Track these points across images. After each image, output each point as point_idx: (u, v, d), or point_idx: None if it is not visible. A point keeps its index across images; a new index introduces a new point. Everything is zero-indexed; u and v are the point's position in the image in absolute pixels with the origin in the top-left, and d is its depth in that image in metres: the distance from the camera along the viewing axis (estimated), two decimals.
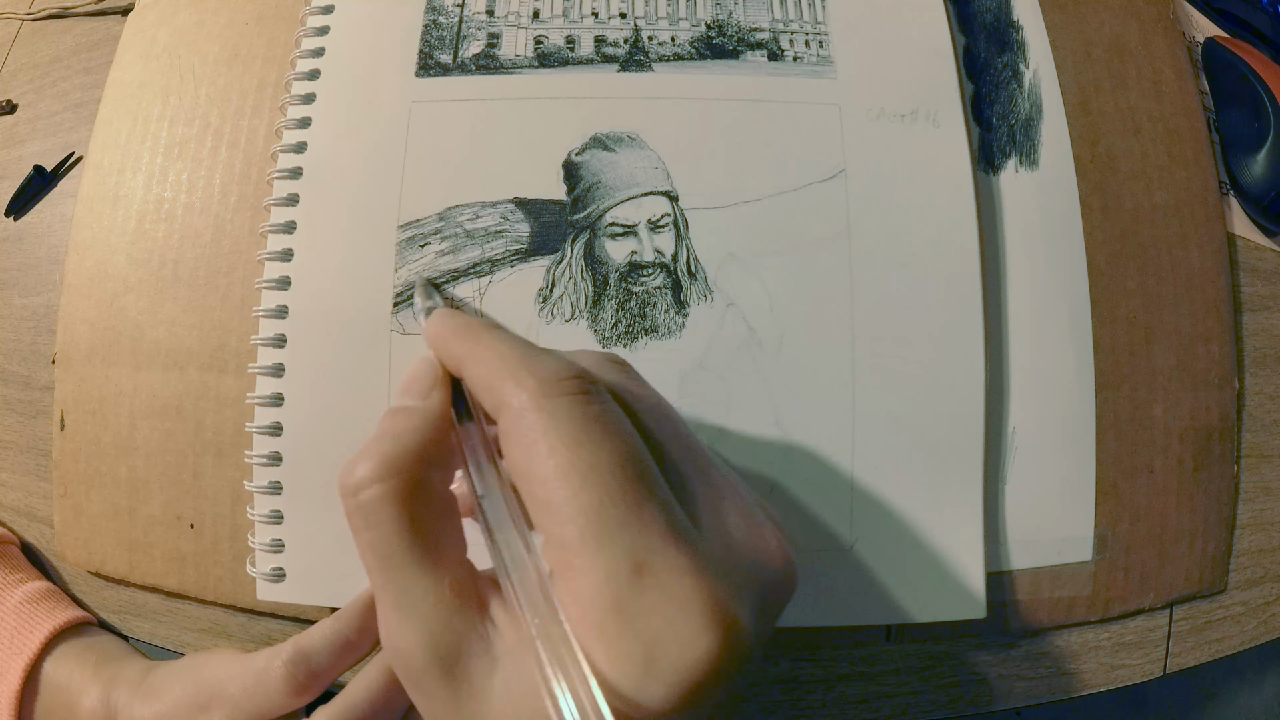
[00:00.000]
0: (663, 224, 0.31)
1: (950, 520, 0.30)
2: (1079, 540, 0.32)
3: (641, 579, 0.15)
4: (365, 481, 0.18)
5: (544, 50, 0.33)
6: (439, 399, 0.20)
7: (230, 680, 0.26)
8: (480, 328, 0.20)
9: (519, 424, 0.17)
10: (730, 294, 0.31)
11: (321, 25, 0.34)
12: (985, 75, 0.35)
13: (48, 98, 0.39)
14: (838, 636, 0.32)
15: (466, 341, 0.19)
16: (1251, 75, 0.36)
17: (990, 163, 0.34)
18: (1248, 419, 0.34)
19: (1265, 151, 0.35)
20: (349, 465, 0.18)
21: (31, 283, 0.36)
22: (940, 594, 0.30)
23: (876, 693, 0.32)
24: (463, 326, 0.20)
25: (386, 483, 0.18)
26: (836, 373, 0.30)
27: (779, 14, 0.34)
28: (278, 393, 0.30)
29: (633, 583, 0.15)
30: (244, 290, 0.33)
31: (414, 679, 0.17)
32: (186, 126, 0.35)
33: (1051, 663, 0.32)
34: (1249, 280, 0.36)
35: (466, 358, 0.19)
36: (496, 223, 0.31)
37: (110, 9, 0.40)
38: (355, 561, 0.29)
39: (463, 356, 0.19)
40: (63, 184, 0.38)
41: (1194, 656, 0.33)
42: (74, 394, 0.33)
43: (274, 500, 0.30)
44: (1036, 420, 0.32)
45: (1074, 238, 0.33)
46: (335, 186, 0.32)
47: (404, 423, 0.19)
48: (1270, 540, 0.34)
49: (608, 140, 0.32)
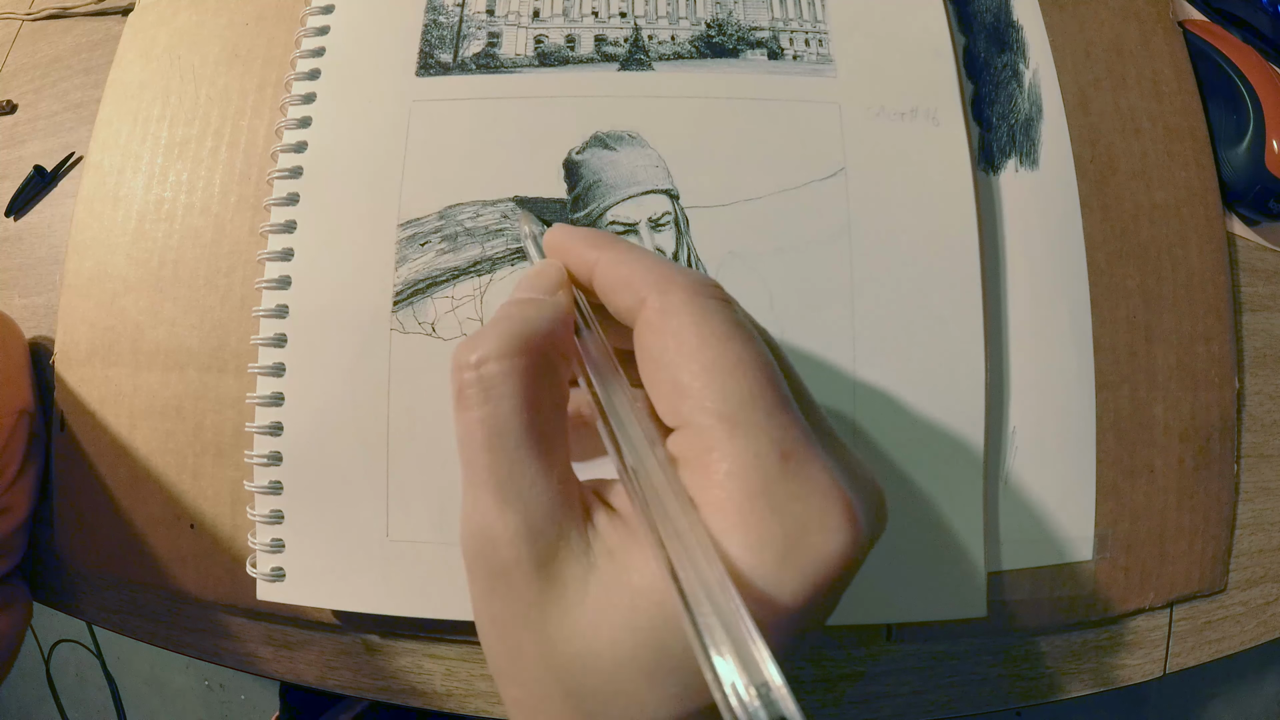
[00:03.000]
0: (663, 222, 0.31)
1: (950, 520, 0.30)
2: (1079, 540, 0.32)
3: (788, 464, 0.15)
4: (490, 355, 0.17)
5: (544, 49, 0.33)
6: (566, 297, 0.20)
7: None
8: (614, 237, 0.20)
9: (668, 318, 0.17)
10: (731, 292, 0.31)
11: (322, 25, 0.34)
12: (985, 75, 0.35)
13: (48, 98, 0.39)
14: (838, 636, 0.32)
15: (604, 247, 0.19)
16: (1229, 66, 0.36)
17: (990, 162, 0.34)
18: (1248, 419, 0.34)
19: (1246, 144, 0.35)
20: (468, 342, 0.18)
21: (31, 283, 0.36)
22: (940, 594, 0.30)
23: (876, 693, 0.32)
24: (596, 234, 0.20)
25: (512, 359, 0.17)
26: (837, 371, 0.30)
27: (779, 13, 0.34)
28: (278, 392, 0.30)
29: (781, 466, 0.15)
30: (244, 290, 0.33)
31: (501, 572, 0.16)
32: (186, 126, 0.35)
33: (1051, 663, 0.32)
34: (1249, 280, 0.36)
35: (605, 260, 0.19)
36: (497, 221, 0.31)
37: (110, 9, 0.40)
38: (355, 561, 0.30)
39: (600, 259, 0.19)
40: (63, 184, 0.38)
41: (1194, 656, 0.33)
42: (74, 394, 0.33)
43: (274, 500, 0.30)
44: (1036, 420, 0.32)
45: (1074, 238, 0.33)
46: (335, 186, 0.32)
47: (532, 310, 0.19)
48: (1270, 540, 0.34)
49: (608, 139, 0.32)
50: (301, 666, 0.33)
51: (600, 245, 0.19)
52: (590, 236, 0.20)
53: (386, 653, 0.32)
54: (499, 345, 0.17)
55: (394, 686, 0.32)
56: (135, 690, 1.10)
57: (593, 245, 0.20)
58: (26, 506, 0.33)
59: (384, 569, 0.29)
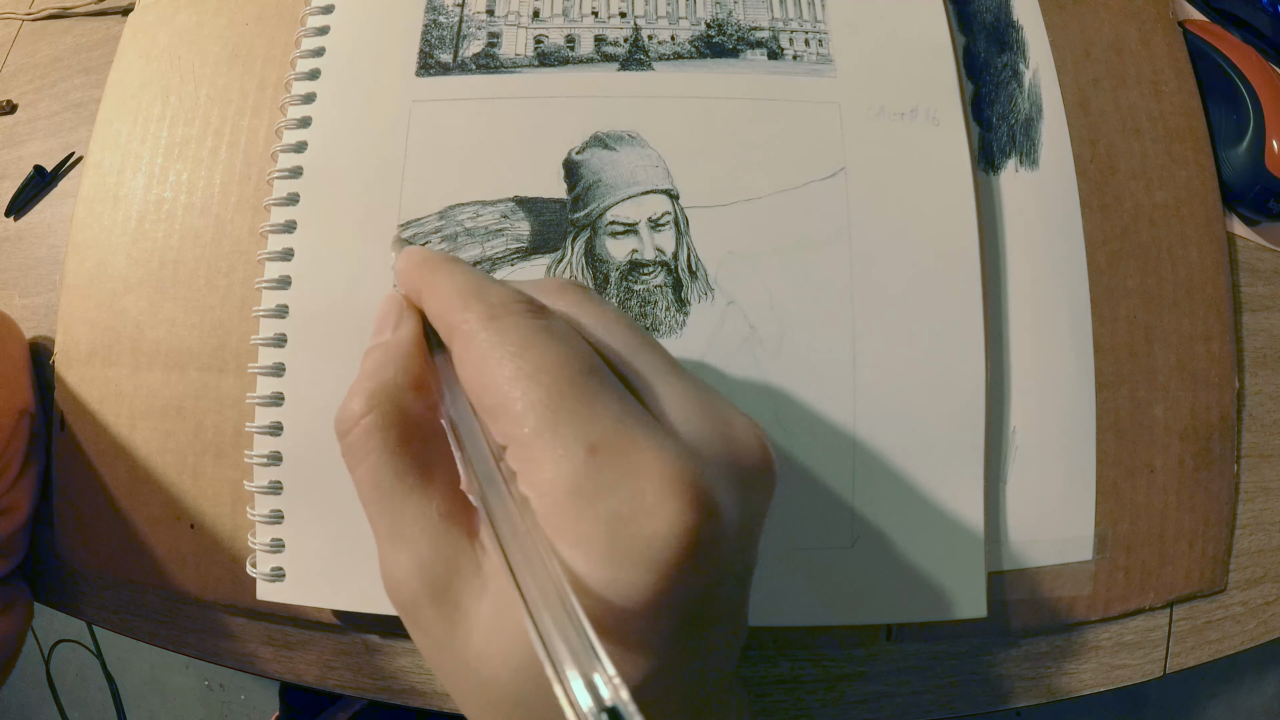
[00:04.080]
0: (663, 222, 0.31)
1: (950, 520, 0.30)
2: (1079, 540, 0.32)
3: (596, 457, 0.15)
4: (353, 417, 0.18)
5: (544, 49, 0.33)
6: (407, 330, 0.20)
7: None
8: (439, 260, 0.20)
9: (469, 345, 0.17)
10: (731, 292, 0.31)
11: (322, 25, 0.34)
12: (985, 75, 0.35)
13: (48, 98, 0.39)
14: (838, 636, 0.32)
15: (425, 274, 0.20)
16: (1229, 66, 0.36)
17: (990, 162, 0.34)
18: (1248, 419, 0.34)
19: (1246, 144, 0.35)
20: (341, 408, 0.19)
21: (31, 283, 0.36)
22: (940, 594, 0.30)
23: (876, 693, 0.32)
24: (424, 259, 0.20)
25: (369, 415, 0.18)
26: (837, 371, 0.30)
27: (778, 13, 0.34)
28: (278, 392, 0.30)
29: (588, 461, 0.15)
30: (244, 290, 0.33)
31: (408, 609, 0.17)
32: (186, 126, 0.35)
33: (1051, 663, 0.32)
34: (1249, 280, 0.36)
35: (425, 289, 0.19)
36: (497, 221, 0.31)
37: (110, 9, 0.40)
38: (355, 561, 0.30)
39: (422, 288, 0.20)
40: (63, 184, 0.38)
41: (1194, 656, 0.33)
42: (74, 394, 0.33)
43: (274, 500, 0.30)
44: (1037, 420, 0.32)
45: (1074, 237, 0.33)
46: (336, 186, 0.32)
47: (377, 357, 0.19)
48: (1270, 540, 0.34)
49: (608, 139, 0.32)
50: (301, 666, 0.33)
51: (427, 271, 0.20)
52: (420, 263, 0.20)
53: (386, 653, 0.32)
54: (357, 406, 0.18)
55: (394, 686, 0.32)
56: (135, 690, 1.10)
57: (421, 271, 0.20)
58: (28, 507, 0.33)
59: None
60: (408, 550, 0.17)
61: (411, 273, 0.20)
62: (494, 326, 0.17)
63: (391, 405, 0.18)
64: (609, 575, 0.15)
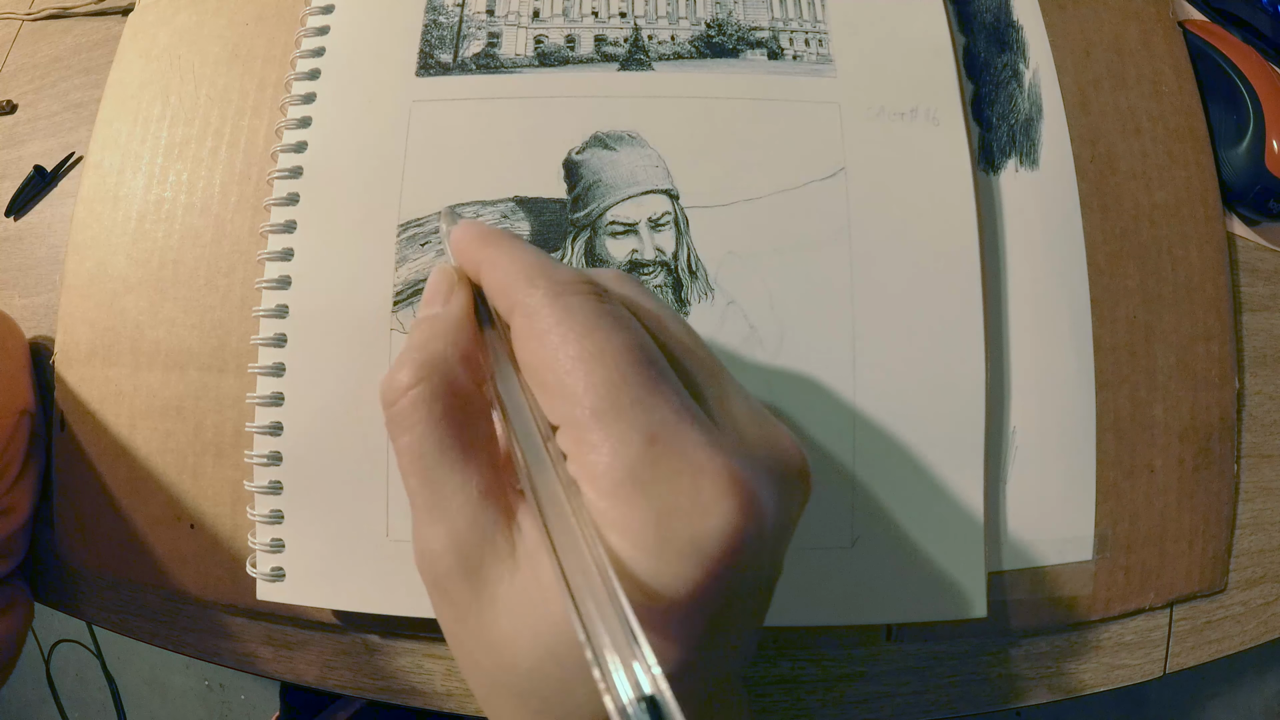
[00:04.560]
0: (663, 222, 0.31)
1: (950, 520, 0.30)
2: (1079, 540, 0.32)
3: (655, 447, 0.15)
4: (401, 388, 0.18)
5: (544, 49, 0.33)
6: (460, 303, 0.20)
7: None
8: (500, 235, 0.20)
9: (532, 320, 0.17)
10: (731, 292, 0.31)
11: (322, 25, 0.34)
12: (985, 75, 0.35)
13: (48, 98, 0.39)
14: (838, 636, 0.32)
15: (486, 247, 0.20)
16: (1229, 66, 0.36)
17: (990, 162, 0.34)
18: (1248, 419, 0.34)
19: (1246, 144, 0.35)
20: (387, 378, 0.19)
21: (31, 283, 0.36)
22: (940, 594, 0.30)
23: (876, 693, 0.32)
24: (484, 234, 0.20)
25: (419, 387, 0.18)
26: (837, 371, 0.30)
27: (778, 13, 0.34)
28: (278, 392, 0.30)
29: (646, 451, 0.15)
30: (244, 290, 0.33)
31: (439, 583, 0.17)
32: (186, 126, 0.35)
33: (1051, 663, 0.32)
34: (1249, 280, 0.36)
35: (485, 262, 0.19)
36: (497, 221, 0.31)
37: (110, 9, 0.40)
38: (355, 561, 0.30)
39: (481, 261, 0.19)
40: (63, 184, 0.38)
41: (1194, 656, 0.33)
42: (74, 394, 0.33)
43: (274, 500, 0.30)
44: (1037, 420, 0.32)
45: (1074, 237, 0.33)
46: (335, 186, 0.32)
47: (426, 329, 0.19)
48: (1270, 540, 0.34)
49: (608, 139, 0.32)
50: (301, 666, 0.33)
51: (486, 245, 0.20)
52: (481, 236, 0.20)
53: (386, 653, 0.32)
54: (406, 377, 0.18)
55: (394, 686, 0.32)
56: (135, 690, 1.10)
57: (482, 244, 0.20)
58: (28, 507, 0.33)
59: (384, 569, 0.29)
60: (445, 524, 0.17)
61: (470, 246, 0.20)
62: (560, 304, 0.17)
63: (440, 378, 0.18)
64: (655, 566, 0.15)
